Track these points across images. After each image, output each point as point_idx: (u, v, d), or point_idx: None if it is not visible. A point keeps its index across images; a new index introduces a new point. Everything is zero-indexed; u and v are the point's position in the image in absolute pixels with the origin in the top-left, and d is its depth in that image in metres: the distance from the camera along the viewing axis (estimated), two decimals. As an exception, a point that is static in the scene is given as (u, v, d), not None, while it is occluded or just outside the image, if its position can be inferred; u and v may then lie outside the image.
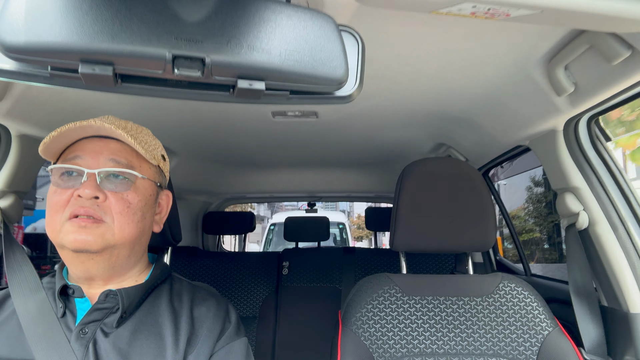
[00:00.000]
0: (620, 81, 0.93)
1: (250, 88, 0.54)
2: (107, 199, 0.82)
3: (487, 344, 1.18)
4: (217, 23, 0.51)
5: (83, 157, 0.84)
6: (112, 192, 0.83)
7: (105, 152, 0.85)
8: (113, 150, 0.85)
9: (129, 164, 0.86)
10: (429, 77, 1.19)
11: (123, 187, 0.84)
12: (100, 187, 0.82)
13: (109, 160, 0.84)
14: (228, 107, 1.43)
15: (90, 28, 0.48)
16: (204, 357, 0.85)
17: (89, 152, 0.84)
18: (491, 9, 0.61)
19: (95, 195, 0.81)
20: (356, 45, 0.60)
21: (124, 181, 0.85)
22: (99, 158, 0.84)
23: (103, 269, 0.85)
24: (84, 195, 0.80)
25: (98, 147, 0.85)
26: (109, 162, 0.84)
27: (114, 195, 0.83)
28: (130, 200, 0.84)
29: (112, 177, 0.84)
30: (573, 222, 1.28)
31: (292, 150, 2.13)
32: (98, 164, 0.83)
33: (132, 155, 0.87)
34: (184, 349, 0.84)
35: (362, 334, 1.17)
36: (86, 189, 0.80)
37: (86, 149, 0.85)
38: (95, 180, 0.82)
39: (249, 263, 2.45)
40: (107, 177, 0.84)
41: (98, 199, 0.81)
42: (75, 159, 0.84)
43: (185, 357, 0.84)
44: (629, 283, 1.17)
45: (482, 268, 2.24)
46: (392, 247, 1.30)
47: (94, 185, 0.81)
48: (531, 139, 1.40)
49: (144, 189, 0.88)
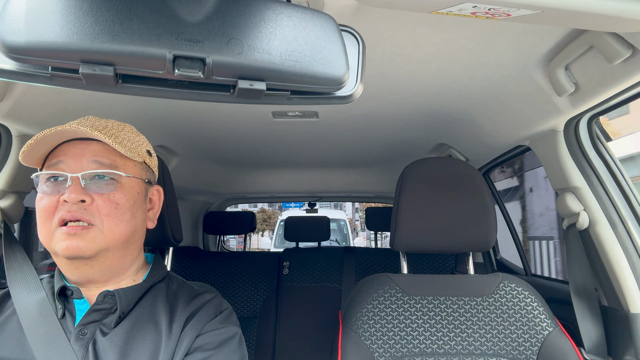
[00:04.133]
0: (620, 81, 0.93)
1: (251, 88, 0.54)
2: (94, 202, 0.82)
3: (488, 343, 1.18)
4: (217, 23, 0.51)
5: (65, 162, 0.83)
6: (99, 194, 0.82)
7: (87, 154, 0.84)
8: (95, 151, 0.84)
9: (112, 164, 0.85)
10: (430, 76, 1.19)
11: (109, 188, 0.84)
12: (85, 190, 0.81)
13: (91, 162, 0.83)
14: (228, 107, 1.43)
15: (91, 28, 0.48)
16: (190, 337, 0.84)
17: (71, 156, 0.83)
18: (492, 9, 0.61)
19: (81, 199, 0.80)
20: (357, 45, 0.60)
21: (110, 182, 0.84)
22: (82, 161, 0.83)
23: (99, 272, 0.85)
24: (70, 200, 0.79)
25: (79, 150, 0.84)
26: (92, 164, 0.83)
27: (101, 197, 0.82)
28: (117, 201, 0.84)
29: (97, 178, 0.83)
30: (573, 222, 1.28)
31: (293, 150, 2.13)
32: (81, 167, 0.82)
33: (115, 154, 0.86)
34: (177, 337, 0.84)
35: (362, 334, 1.17)
36: (72, 194, 0.79)
37: (68, 153, 0.84)
38: (79, 183, 0.81)
39: (250, 263, 2.45)
40: (92, 179, 0.83)
41: (85, 202, 0.81)
42: (58, 164, 0.83)
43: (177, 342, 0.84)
44: (629, 283, 1.17)
45: (483, 268, 2.24)
46: (392, 247, 1.30)
47: (79, 189, 0.80)
48: (531, 139, 1.40)
49: (130, 187, 0.87)
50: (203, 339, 0.85)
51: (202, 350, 0.84)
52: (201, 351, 0.83)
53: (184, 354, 0.82)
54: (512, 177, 10.06)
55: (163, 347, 0.83)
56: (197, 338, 0.85)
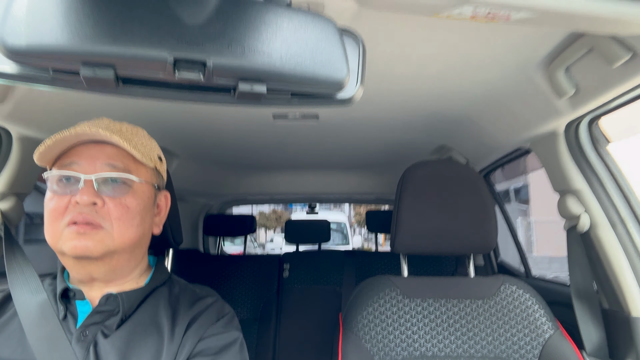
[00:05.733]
0: (621, 84, 0.93)
1: (251, 91, 0.54)
2: (105, 205, 0.82)
3: (489, 346, 1.17)
4: (218, 26, 0.51)
5: (79, 163, 0.83)
6: (110, 197, 0.83)
7: (101, 157, 0.84)
8: (109, 154, 0.85)
9: (125, 168, 0.85)
10: (430, 79, 1.19)
11: (121, 192, 0.84)
12: (97, 193, 0.81)
13: (105, 165, 0.83)
14: (229, 109, 1.43)
15: (92, 31, 0.48)
16: (192, 341, 0.84)
17: (85, 158, 0.83)
18: (491, 12, 0.61)
19: (93, 202, 0.80)
20: (357, 47, 0.60)
21: (122, 186, 0.84)
22: (96, 163, 0.83)
23: (104, 272, 0.85)
24: (82, 202, 0.79)
25: (94, 152, 0.84)
26: (106, 167, 0.83)
27: (112, 201, 0.83)
28: (128, 205, 0.84)
29: (110, 182, 0.83)
30: (574, 225, 1.27)
31: (293, 153, 2.13)
32: (95, 169, 0.83)
33: (129, 159, 0.86)
34: (179, 341, 0.84)
35: (363, 336, 1.17)
36: (84, 196, 0.79)
37: (82, 155, 0.84)
38: (92, 186, 0.81)
39: (250, 266, 2.45)
40: (105, 182, 0.83)
41: (96, 205, 0.81)
42: (72, 164, 0.83)
43: (179, 346, 0.84)
44: (631, 286, 1.17)
45: (484, 270, 2.24)
46: (393, 249, 1.30)
47: (91, 192, 0.80)
48: (532, 141, 1.40)
49: (142, 192, 0.87)
50: (205, 343, 0.85)
51: (203, 355, 0.84)
52: (202, 356, 0.83)
53: (186, 358, 0.82)
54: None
55: (165, 351, 0.82)
56: (198, 342, 0.85)
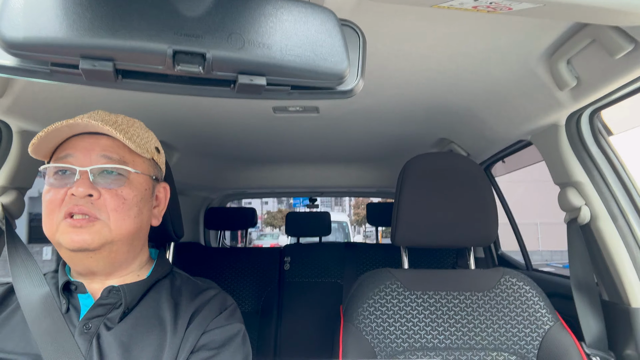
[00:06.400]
0: (623, 75, 0.92)
1: (251, 83, 0.54)
2: (101, 196, 0.82)
3: (489, 338, 1.18)
4: (217, 18, 0.51)
5: (74, 155, 0.83)
6: (106, 189, 0.83)
7: (96, 148, 0.84)
8: (104, 146, 0.85)
9: (121, 160, 0.85)
10: (431, 71, 1.19)
11: (117, 183, 0.84)
12: (93, 185, 0.81)
13: (100, 156, 0.83)
14: (229, 102, 1.43)
15: (91, 24, 0.47)
16: (195, 334, 0.85)
17: (80, 150, 0.83)
18: (493, 3, 0.61)
19: (89, 193, 0.80)
20: (357, 39, 0.60)
21: (118, 177, 0.84)
22: (91, 155, 0.83)
23: (103, 265, 0.86)
24: (78, 194, 0.80)
25: (89, 144, 0.84)
26: (101, 159, 0.83)
27: (108, 192, 0.83)
28: (125, 196, 0.84)
29: (105, 173, 0.84)
30: (575, 217, 1.28)
31: (294, 146, 2.13)
32: (90, 161, 0.83)
33: (125, 150, 0.86)
34: (182, 334, 0.84)
35: (363, 329, 1.17)
36: (79, 187, 0.80)
37: (77, 147, 0.84)
38: (88, 177, 0.81)
39: (251, 259, 2.46)
40: (100, 173, 0.83)
41: (92, 197, 0.81)
42: (67, 157, 0.83)
43: (182, 339, 0.84)
44: (630, 278, 1.17)
45: (484, 263, 2.25)
46: (393, 242, 1.30)
47: (87, 183, 0.81)
48: (533, 133, 1.39)
49: (138, 183, 0.87)
50: (208, 336, 0.86)
51: (207, 348, 0.84)
52: (206, 349, 0.84)
53: (190, 352, 0.83)
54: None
55: (168, 344, 0.83)
56: (202, 335, 0.85)
